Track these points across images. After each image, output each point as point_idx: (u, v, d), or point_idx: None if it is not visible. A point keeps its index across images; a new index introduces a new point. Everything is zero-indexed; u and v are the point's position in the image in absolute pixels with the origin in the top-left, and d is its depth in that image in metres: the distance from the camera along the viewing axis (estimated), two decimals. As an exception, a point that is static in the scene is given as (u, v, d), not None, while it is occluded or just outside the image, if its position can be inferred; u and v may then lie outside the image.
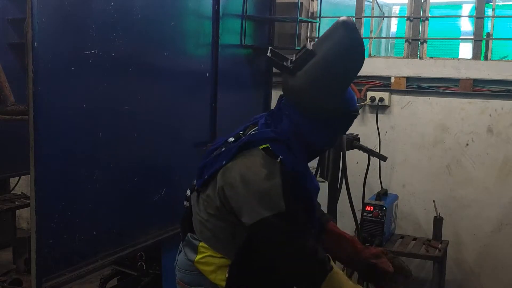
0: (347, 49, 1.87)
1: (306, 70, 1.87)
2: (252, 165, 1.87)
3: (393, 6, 5.61)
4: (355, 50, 1.89)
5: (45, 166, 2.20)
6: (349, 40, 1.87)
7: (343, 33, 1.86)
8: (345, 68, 1.89)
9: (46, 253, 2.26)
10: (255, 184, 1.83)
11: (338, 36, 1.87)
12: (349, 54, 1.88)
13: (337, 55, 1.86)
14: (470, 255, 3.71)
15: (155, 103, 2.79)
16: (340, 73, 1.89)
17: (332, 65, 1.86)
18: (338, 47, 1.86)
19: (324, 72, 1.87)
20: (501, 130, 3.56)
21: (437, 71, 3.67)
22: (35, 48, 2.10)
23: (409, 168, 3.81)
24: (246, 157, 1.90)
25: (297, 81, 1.89)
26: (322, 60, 1.86)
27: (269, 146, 1.88)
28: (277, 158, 1.85)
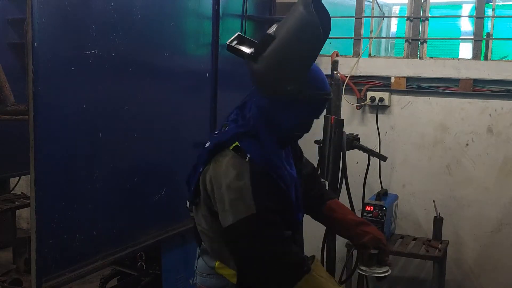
0: (301, 29, 1.84)
1: (267, 54, 1.86)
2: (221, 168, 1.87)
3: (393, 6, 5.62)
4: (308, 30, 1.85)
5: (45, 166, 2.20)
6: (303, 21, 1.84)
7: (298, 14, 1.85)
8: (301, 48, 1.86)
9: (46, 253, 2.26)
10: (225, 187, 1.83)
11: (294, 18, 1.86)
12: (302, 34, 1.85)
13: (292, 36, 1.84)
14: (470, 255, 3.71)
15: (155, 103, 2.79)
16: (297, 54, 1.86)
17: (288, 46, 1.84)
18: (293, 28, 1.85)
19: (282, 54, 1.85)
20: (501, 130, 3.56)
21: (437, 71, 3.67)
22: (35, 48, 2.10)
23: (409, 168, 3.81)
24: (217, 160, 1.90)
25: (259, 66, 1.88)
26: (279, 42, 1.85)
27: (238, 144, 1.87)
28: (246, 157, 1.84)
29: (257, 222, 1.79)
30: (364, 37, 3.93)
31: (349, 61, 3.86)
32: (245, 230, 1.80)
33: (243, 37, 1.99)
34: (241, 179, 1.81)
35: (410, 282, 3.88)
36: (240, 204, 1.80)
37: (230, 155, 1.87)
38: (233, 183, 1.82)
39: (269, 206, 1.82)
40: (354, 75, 3.84)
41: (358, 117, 3.90)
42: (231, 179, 1.82)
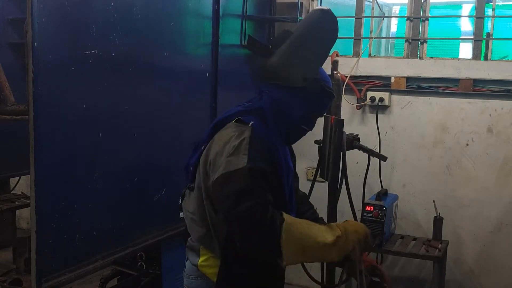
0: (317, 22, 1.97)
1: (283, 48, 1.95)
2: (224, 134, 1.92)
3: (393, 6, 5.61)
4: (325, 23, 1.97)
5: (45, 166, 2.20)
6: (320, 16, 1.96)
7: (317, 13, 1.98)
8: (317, 43, 1.98)
9: (46, 253, 2.26)
10: (224, 145, 1.85)
11: (312, 16, 2.01)
12: (319, 27, 1.97)
13: (309, 29, 1.97)
14: (470, 255, 3.71)
15: (155, 103, 2.79)
16: (313, 46, 1.97)
17: (305, 38, 1.96)
18: (311, 23, 1.98)
19: (298, 46, 1.95)
20: (501, 130, 3.56)
21: (437, 71, 3.67)
22: (35, 48, 2.10)
23: (409, 168, 3.81)
24: (220, 132, 1.95)
25: (274, 59, 1.96)
26: (296, 36, 1.96)
27: (240, 118, 1.95)
28: (249, 123, 1.90)
29: (244, 176, 1.75)
30: (364, 37, 3.93)
31: (349, 61, 3.86)
32: (230, 181, 1.76)
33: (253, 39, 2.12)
34: (240, 137, 1.84)
35: (410, 282, 3.88)
36: (233, 159, 1.79)
37: (233, 125, 1.93)
38: (232, 141, 1.84)
39: (262, 166, 1.80)
40: (354, 75, 3.84)
41: (358, 117, 3.90)
42: (230, 138, 1.86)
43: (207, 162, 1.91)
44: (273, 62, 1.97)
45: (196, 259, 2.00)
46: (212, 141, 1.95)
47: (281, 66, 1.96)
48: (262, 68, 2.03)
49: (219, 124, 1.99)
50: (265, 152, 1.86)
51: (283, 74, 1.96)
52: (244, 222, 1.73)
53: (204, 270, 1.98)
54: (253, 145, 1.82)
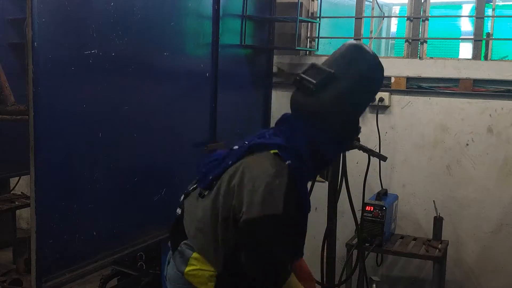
0: (370, 77, 2.03)
1: (330, 93, 1.96)
2: (261, 163, 1.92)
3: (393, 6, 5.61)
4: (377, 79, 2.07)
5: (45, 166, 2.20)
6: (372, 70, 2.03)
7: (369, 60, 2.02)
8: (367, 93, 2.07)
9: (46, 253, 2.26)
10: (262, 180, 1.86)
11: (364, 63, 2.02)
12: (371, 80, 2.04)
13: (360, 82, 1.99)
14: (470, 255, 3.71)
15: (155, 103, 2.79)
16: (363, 98, 2.05)
17: (355, 90, 1.99)
18: (363, 75, 2.00)
19: (348, 97, 1.98)
20: (501, 130, 3.56)
21: (437, 71, 3.67)
22: (35, 48, 2.10)
23: (409, 168, 3.81)
24: (255, 156, 1.95)
25: (319, 101, 1.97)
26: (346, 86, 1.98)
27: (278, 152, 1.93)
28: (286, 162, 1.91)
29: (278, 223, 1.84)
30: (364, 37, 3.93)
31: (349, 61, 3.85)
32: (265, 227, 1.84)
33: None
34: (279, 177, 1.87)
35: (410, 282, 3.88)
36: (271, 201, 1.84)
37: (271, 156, 1.93)
38: (270, 178, 1.86)
39: (292, 214, 1.90)
40: (354, 75, 3.83)
41: (358, 117, 3.89)
42: (270, 174, 1.87)
43: (232, 183, 1.92)
44: (315, 105, 1.98)
45: (183, 267, 2.01)
46: (245, 164, 1.94)
47: (327, 112, 1.98)
48: (299, 102, 2.04)
49: (255, 148, 1.99)
50: (297, 199, 1.93)
51: (324, 121, 1.99)
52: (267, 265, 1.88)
53: (190, 278, 2.00)
54: (289, 192, 1.87)
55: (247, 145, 1.99)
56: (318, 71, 2.00)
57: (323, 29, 4.08)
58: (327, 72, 1.97)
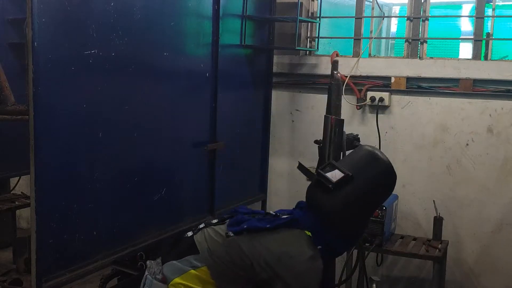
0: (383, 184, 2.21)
1: (346, 195, 2.13)
2: (296, 241, 2.09)
3: (393, 6, 5.61)
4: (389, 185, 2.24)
5: (45, 166, 2.20)
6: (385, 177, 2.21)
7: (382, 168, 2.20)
8: (379, 200, 2.28)
9: (46, 253, 2.26)
10: (298, 261, 2.04)
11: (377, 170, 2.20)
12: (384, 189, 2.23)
13: (374, 187, 2.18)
14: (470, 255, 3.71)
15: (155, 103, 2.79)
16: (375, 204, 2.26)
17: (369, 197, 2.18)
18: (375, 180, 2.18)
19: (361, 199, 2.15)
20: (501, 130, 3.56)
21: (437, 71, 3.67)
22: (35, 48, 2.10)
23: (409, 168, 3.81)
24: (290, 233, 2.11)
25: (333, 201, 2.14)
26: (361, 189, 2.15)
27: (310, 235, 2.11)
28: (317, 246, 2.09)
29: None
30: (364, 37, 3.93)
31: (349, 61, 3.86)
32: None
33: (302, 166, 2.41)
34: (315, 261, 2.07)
35: (410, 282, 3.88)
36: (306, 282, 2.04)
37: (306, 237, 2.11)
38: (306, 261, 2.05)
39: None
40: (354, 75, 3.83)
41: (358, 117, 3.90)
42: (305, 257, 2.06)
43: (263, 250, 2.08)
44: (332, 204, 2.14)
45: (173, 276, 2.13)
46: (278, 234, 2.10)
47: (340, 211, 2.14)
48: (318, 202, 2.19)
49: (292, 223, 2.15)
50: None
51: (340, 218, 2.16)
52: None
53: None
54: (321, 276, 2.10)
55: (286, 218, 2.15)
56: (336, 170, 2.18)
57: (323, 29, 4.08)
58: (345, 173, 2.14)
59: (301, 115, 4.07)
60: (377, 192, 2.21)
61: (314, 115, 3.96)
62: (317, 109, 3.92)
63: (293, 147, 4.09)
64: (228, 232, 2.14)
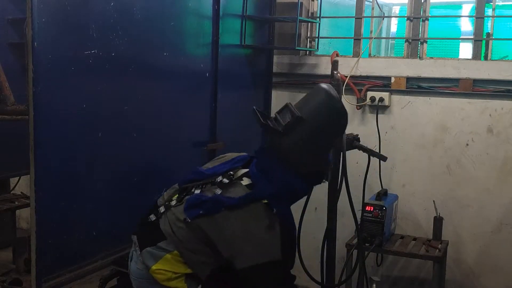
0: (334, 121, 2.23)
1: (296, 136, 2.16)
2: (254, 218, 2.11)
3: (393, 6, 5.61)
4: (341, 122, 2.26)
5: (45, 166, 2.20)
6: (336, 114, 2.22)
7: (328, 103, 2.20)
8: (330, 137, 2.29)
9: (46, 253, 2.26)
10: (256, 234, 2.08)
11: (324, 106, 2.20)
12: (335, 125, 2.26)
13: (324, 126, 2.20)
14: (470, 255, 3.71)
15: (155, 103, 2.79)
16: (326, 142, 2.27)
17: (319, 135, 2.20)
18: (326, 118, 2.20)
19: (312, 140, 2.19)
20: (501, 130, 3.56)
21: (437, 71, 3.67)
22: (35, 48, 2.10)
23: (409, 168, 3.81)
24: (247, 211, 2.12)
25: (287, 144, 2.17)
26: (310, 129, 2.17)
27: (267, 202, 2.13)
28: (273, 210, 2.12)
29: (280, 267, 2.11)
30: (364, 37, 3.93)
31: (349, 61, 3.86)
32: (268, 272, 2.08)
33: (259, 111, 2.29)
34: (272, 229, 2.10)
35: (410, 282, 3.88)
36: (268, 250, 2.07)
37: (262, 208, 2.13)
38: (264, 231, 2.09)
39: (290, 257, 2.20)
40: (354, 75, 3.83)
41: (358, 117, 3.90)
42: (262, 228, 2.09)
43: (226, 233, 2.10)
44: (286, 149, 2.18)
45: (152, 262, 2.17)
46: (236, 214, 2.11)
47: (294, 155, 2.18)
48: (275, 145, 2.22)
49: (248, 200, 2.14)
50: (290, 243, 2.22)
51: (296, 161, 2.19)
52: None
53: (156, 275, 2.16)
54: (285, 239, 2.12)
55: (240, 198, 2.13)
56: (289, 113, 2.19)
57: (323, 29, 4.08)
58: (295, 115, 2.15)
59: (301, 115, 4.07)
60: (328, 131, 2.23)
61: (314, 115, 3.96)
62: (317, 109, 3.91)
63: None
64: (186, 218, 2.14)
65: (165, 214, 2.24)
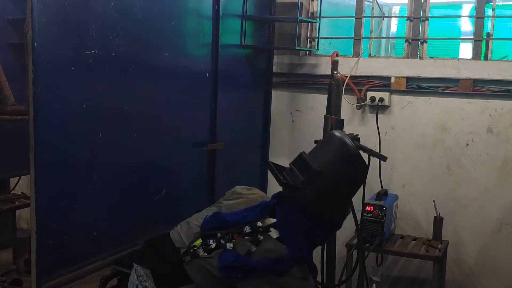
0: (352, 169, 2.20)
1: (316, 190, 2.15)
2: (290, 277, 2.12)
3: (393, 6, 5.61)
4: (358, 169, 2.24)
5: (45, 166, 2.20)
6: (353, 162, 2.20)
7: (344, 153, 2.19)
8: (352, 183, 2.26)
9: (46, 253, 2.26)
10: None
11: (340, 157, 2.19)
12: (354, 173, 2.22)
13: (344, 175, 2.17)
14: (470, 255, 3.71)
15: (155, 103, 2.79)
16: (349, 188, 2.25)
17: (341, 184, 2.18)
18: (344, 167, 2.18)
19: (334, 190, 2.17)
20: (501, 130, 3.56)
21: (437, 71, 3.67)
22: (35, 48, 2.10)
23: (409, 168, 3.81)
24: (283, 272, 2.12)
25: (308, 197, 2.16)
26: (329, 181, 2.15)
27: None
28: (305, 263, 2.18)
29: None
30: (364, 37, 3.93)
31: (349, 61, 3.86)
32: None
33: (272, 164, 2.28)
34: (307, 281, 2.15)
35: (410, 282, 3.88)
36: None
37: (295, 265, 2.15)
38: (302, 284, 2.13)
39: None
40: (354, 75, 3.84)
41: (358, 117, 3.90)
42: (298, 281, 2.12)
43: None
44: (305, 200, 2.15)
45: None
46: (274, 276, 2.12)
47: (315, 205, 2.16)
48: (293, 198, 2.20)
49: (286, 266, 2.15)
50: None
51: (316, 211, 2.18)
52: None
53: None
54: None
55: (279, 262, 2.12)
56: (305, 165, 2.16)
57: (323, 29, 4.08)
58: (312, 169, 2.13)
59: (301, 115, 4.07)
60: (347, 179, 2.21)
61: (314, 115, 3.96)
62: (317, 109, 3.92)
63: (293, 147, 4.08)
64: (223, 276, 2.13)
65: (193, 261, 2.22)
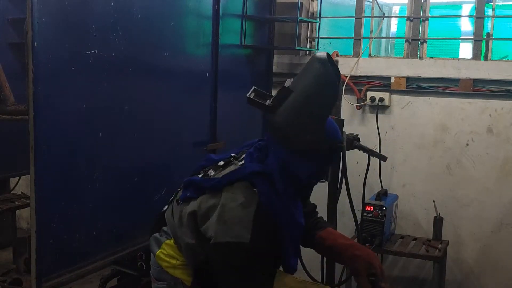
0: (319, 86, 1.93)
1: (285, 108, 1.94)
2: (232, 195, 1.93)
3: (393, 6, 5.62)
4: (329, 86, 1.96)
5: (45, 166, 2.20)
6: (324, 76, 1.93)
7: (318, 69, 1.93)
8: (321, 103, 1.95)
9: (46, 253, 2.26)
10: (230, 210, 1.89)
11: (313, 73, 1.95)
12: (323, 90, 1.94)
13: (310, 91, 1.93)
14: (470, 255, 3.71)
15: (155, 103, 2.79)
16: (315, 108, 1.94)
17: (307, 101, 1.92)
18: (313, 83, 1.93)
19: (302, 108, 1.93)
20: (501, 130, 3.56)
21: (437, 71, 3.67)
22: (35, 48, 2.10)
23: (409, 168, 3.81)
24: (229, 189, 1.96)
25: (277, 118, 1.95)
26: (299, 97, 1.93)
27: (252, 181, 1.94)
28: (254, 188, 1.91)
29: (246, 251, 1.84)
30: (364, 37, 3.93)
31: (349, 61, 3.86)
32: (232, 253, 1.85)
33: (259, 91, 2.09)
34: (247, 207, 1.88)
35: (410, 282, 3.88)
36: (236, 229, 1.85)
37: (242, 186, 1.94)
38: (238, 208, 1.89)
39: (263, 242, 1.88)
40: (354, 75, 3.84)
41: (358, 117, 3.90)
42: (238, 204, 1.89)
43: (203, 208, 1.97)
44: (275, 122, 1.96)
45: (156, 249, 2.11)
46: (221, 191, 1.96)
47: (284, 129, 1.94)
48: (269, 124, 2.04)
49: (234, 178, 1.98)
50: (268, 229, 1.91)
51: (286, 137, 1.95)
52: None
53: (160, 261, 2.09)
54: (258, 220, 1.87)
55: (222, 180, 1.99)
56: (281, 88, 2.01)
57: (323, 29, 4.08)
58: (281, 87, 1.98)
59: (301, 115, 4.07)
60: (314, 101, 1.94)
61: (314, 115, 3.96)
62: (317, 109, 3.92)
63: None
64: (179, 199, 2.10)
65: (172, 203, 2.20)
